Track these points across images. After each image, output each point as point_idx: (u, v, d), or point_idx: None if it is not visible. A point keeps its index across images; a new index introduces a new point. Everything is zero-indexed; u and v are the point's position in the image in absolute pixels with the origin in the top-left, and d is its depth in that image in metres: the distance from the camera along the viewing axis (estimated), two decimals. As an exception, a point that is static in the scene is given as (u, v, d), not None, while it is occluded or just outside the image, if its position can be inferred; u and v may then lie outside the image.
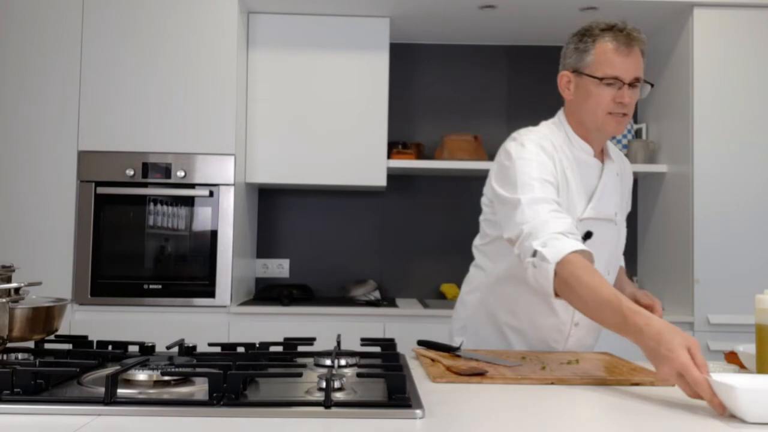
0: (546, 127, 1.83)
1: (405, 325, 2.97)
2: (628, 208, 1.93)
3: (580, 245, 1.48)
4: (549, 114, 3.79)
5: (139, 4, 3.02)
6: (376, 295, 3.35)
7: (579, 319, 1.76)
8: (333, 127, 3.25)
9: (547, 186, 1.62)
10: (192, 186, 2.99)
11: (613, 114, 1.67)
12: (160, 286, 2.95)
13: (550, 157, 1.68)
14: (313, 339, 1.71)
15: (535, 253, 1.50)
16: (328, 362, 1.46)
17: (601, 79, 1.66)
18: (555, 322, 1.78)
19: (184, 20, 3.02)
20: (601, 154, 1.79)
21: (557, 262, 1.46)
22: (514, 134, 1.82)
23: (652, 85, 1.72)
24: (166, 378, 1.25)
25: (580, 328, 1.81)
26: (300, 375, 1.23)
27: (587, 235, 1.66)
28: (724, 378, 1.20)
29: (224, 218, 2.98)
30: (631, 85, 1.66)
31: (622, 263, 1.99)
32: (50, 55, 2.99)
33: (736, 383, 1.11)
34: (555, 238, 1.49)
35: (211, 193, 2.98)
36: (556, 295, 1.50)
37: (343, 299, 3.32)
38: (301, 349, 1.62)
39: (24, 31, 3.00)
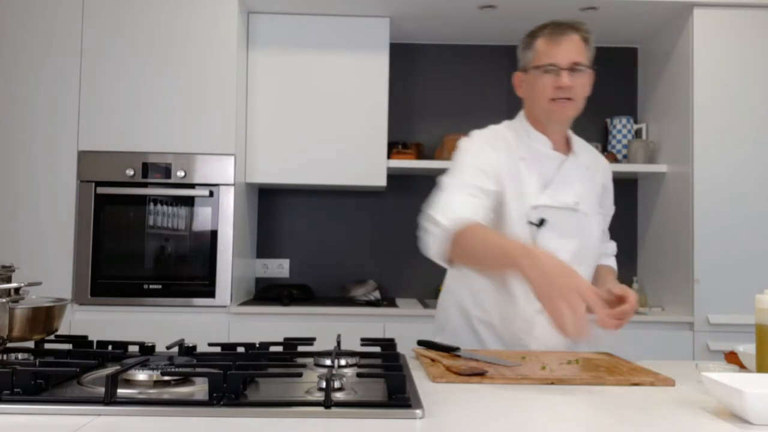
0: (503, 125, 1.89)
1: (405, 325, 2.97)
2: (611, 207, 1.95)
3: (476, 219, 1.57)
4: (549, 114, 3.78)
5: (139, 4, 3.02)
6: (376, 295, 3.35)
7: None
8: (333, 127, 3.25)
9: (478, 174, 1.68)
10: (192, 186, 2.99)
11: (556, 100, 1.73)
12: (160, 286, 2.95)
13: (496, 150, 1.74)
14: (313, 339, 1.71)
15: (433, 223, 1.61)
16: (328, 362, 1.46)
17: (539, 67, 1.73)
18: (518, 310, 1.77)
19: (184, 20, 3.02)
20: (565, 147, 1.84)
21: (454, 229, 1.56)
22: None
23: (594, 70, 1.79)
24: (166, 378, 1.25)
25: (541, 318, 1.77)
26: (300, 375, 1.23)
27: (541, 222, 1.71)
28: (728, 379, 1.20)
29: (224, 218, 2.98)
30: (572, 70, 1.72)
31: (612, 264, 1.98)
32: (50, 55, 2.99)
33: (744, 387, 1.11)
34: (453, 211, 1.60)
35: (211, 193, 2.98)
36: (450, 263, 1.61)
37: (343, 299, 3.32)
38: (301, 349, 1.62)
39: (24, 32, 3.00)
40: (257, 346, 1.58)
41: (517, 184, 1.73)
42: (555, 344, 1.79)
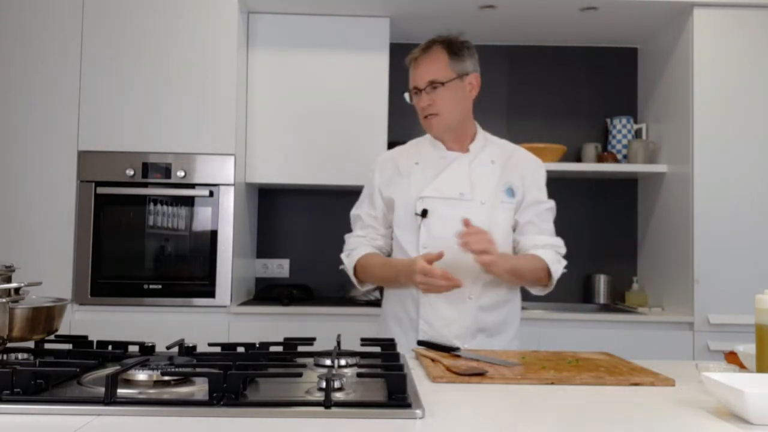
0: (412, 141, 2.17)
1: (405, 325, 2.96)
2: (540, 198, 2.03)
3: (367, 251, 2.03)
4: (549, 113, 3.82)
5: (139, 5, 3.02)
6: (376, 295, 3.34)
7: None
8: (333, 127, 3.25)
9: (367, 203, 2.08)
10: (192, 186, 2.99)
11: (425, 117, 1.98)
12: (160, 286, 2.95)
13: (380, 170, 2.07)
14: (313, 339, 1.71)
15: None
16: (328, 362, 1.46)
17: (410, 91, 2.00)
18: (412, 300, 2.00)
19: (184, 20, 3.02)
20: (462, 146, 2.03)
21: (354, 263, 2.04)
22: None
23: (443, 84, 1.95)
24: (166, 378, 1.25)
25: (432, 299, 1.95)
26: (300, 375, 1.23)
27: (424, 213, 1.94)
28: (728, 379, 1.20)
29: (224, 218, 2.98)
30: (434, 87, 1.93)
31: (543, 256, 1.99)
32: (50, 55, 2.99)
33: (745, 387, 1.11)
34: (350, 250, 2.07)
35: (211, 193, 2.98)
36: (360, 282, 2.08)
37: (343, 299, 3.32)
38: (301, 349, 1.62)
39: (24, 32, 3.00)
40: (257, 346, 1.58)
41: (407, 184, 1.99)
42: (446, 320, 1.97)
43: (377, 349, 1.65)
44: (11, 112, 2.98)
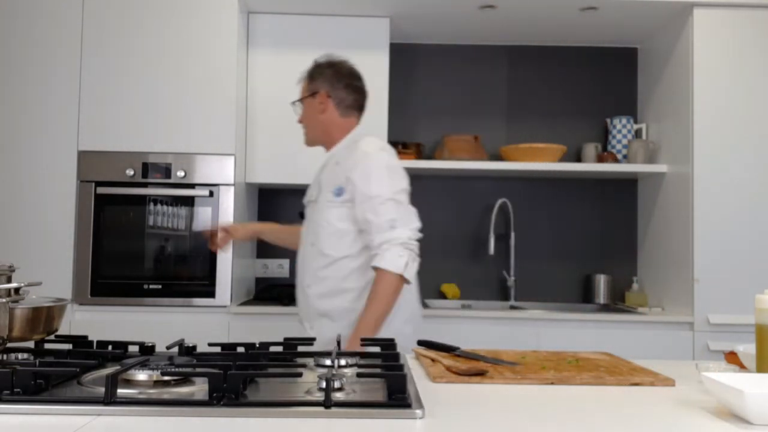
0: None
1: (405, 325, 2.96)
2: (364, 194, 2.03)
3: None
4: (549, 113, 3.82)
5: (139, 4, 3.02)
6: (376, 295, 3.34)
7: (295, 279, 2.24)
8: (333, 127, 3.24)
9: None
10: (192, 186, 2.99)
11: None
12: (160, 286, 2.95)
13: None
14: (313, 339, 1.71)
15: None
16: (328, 362, 1.46)
17: None
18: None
19: (184, 20, 3.02)
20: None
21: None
22: None
23: (301, 101, 2.25)
24: (166, 378, 1.25)
25: (297, 286, 2.23)
26: (300, 375, 1.23)
27: (301, 215, 2.23)
28: (728, 379, 1.20)
29: (224, 218, 2.98)
30: (295, 104, 2.25)
31: (379, 264, 1.99)
32: (50, 55, 2.99)
33: (744, 387, 1.11)
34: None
35: (211, 193, 2.98)
36: None
37: (343, 299, 3.31)
38: (301, 349, 1.62)
39: (24, 32, 3.00)
40: (257, 346, 1.58)
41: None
42: (300, 304, 2.22)
43: (377, 349, 1.65)
44: (11, 112, 2.98)
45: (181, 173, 2.97)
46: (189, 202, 2.99)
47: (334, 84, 2.19)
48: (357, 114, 2.26)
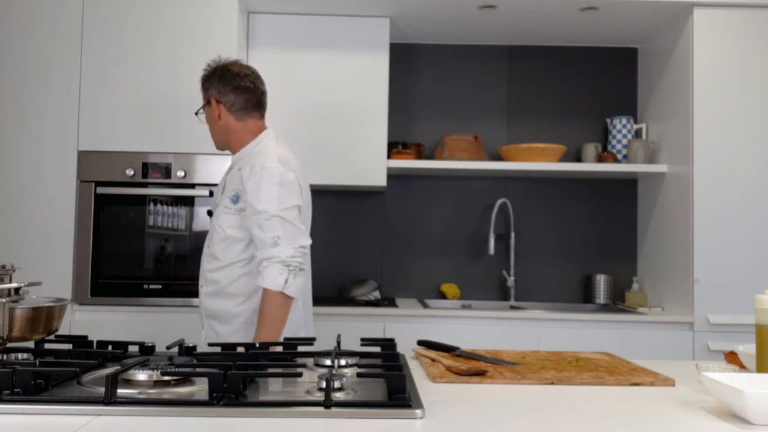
0: None
1: (405, 325, 2.97)
2: (253, 208, 2.02)
3: None
4: (549, 113, 3.81)
5: (139, 5, 3.02)
6: (376, 295, 3.35)
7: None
8: (333, 127, 3.25)
9: None
10: (192, 186, 2.99)
11: None
12: (160, 286, 2.94)
13: None
14: (313, 339, 1.72)
15: None
16: (328, 362, 1.46)
17: None
18: None
19: (184, 20, 3.02)
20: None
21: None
22: None
23: (206, 104, 2.23)
24: (166, 378, 1.25)
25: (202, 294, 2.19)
26: (300, 375, 1.23)
27: (209, 213, 2.27)
28: (728, 379, 1.20)
29: (224, 218, 2.97)
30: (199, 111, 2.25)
31: (264, 284, 1.96)
32: (50, 55, 2.99)
33: (744, 387, 1.11)
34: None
35: (211, 193, 2.98)
36: None
37: (343, 299, 3.32)
38: (301, 349, 1.62)
39: (24, 32, 3.00)
40: (257, 346, 1.58)
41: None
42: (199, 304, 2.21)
43: (377, 349, 1.65)
44: (11, 112, 2.98)
45: (181, 173, 2.97)
46: (189, 202, 2.99)
47: (221, 89, 2.17)
48: (255, 113, 2.23)
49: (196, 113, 2.27)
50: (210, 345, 1.62)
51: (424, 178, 3.65)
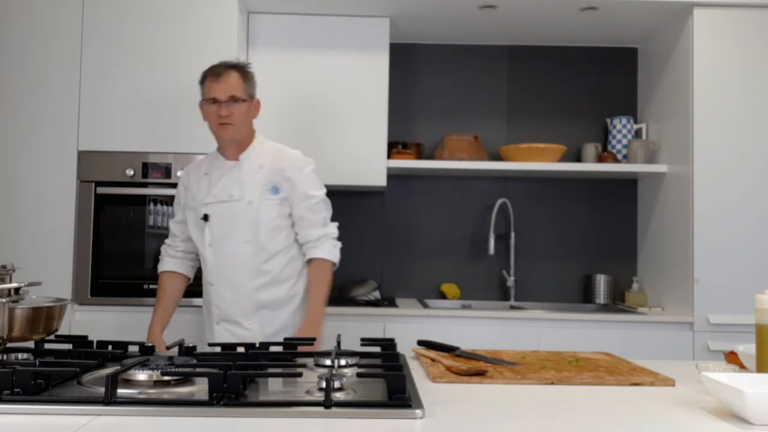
0: (209, 154, 2.43)
1: (405, 325, 2.97)
2: (304, 194, 2.27)
3: (165, 267, 2.40)
4: (549, 113, 3.82)
5: (139, 5, 3.02)
6: (376, 295, 3.35)
7: (212, 278, 2.30)
8: (333, 127, 3.25)
9: (172, 219, 2.42)
10: (192, 186, 2.98)
11: (220, 125, 2.23)
12: (160, 286, 2.94)
13: (181, 182, 2.39)
14: (313, 339, 1.72)
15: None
16: (328, 362, 1.46)
17: (206, 100, 2.24)
18: (206, 290, 2.36)
19: (184, 20, 3.02)
20: (237, 156, 2.30)
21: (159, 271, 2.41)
22: None
23: (248, 100, 2.26)
24: (166, 378, 1.25)
25: (216, 286, 2.28)
26: (300, 375, 1.23)
27: (205, 217, 2.25)
28: (728, 379, 1.20)
29: (224, 218, 2.97)
30: (233, 100, 2.21)
31: (320, 255, 2.25)
32: (50, 55, 2.99)
33: (744, 387, 1.11)
34: (162, 259, 2.42)
35: (211, 193, 2.98)
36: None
37: (343, 299, 3.32)
38: (301, 349, 1.62)
39: (24, 32, 3.00)
40: (257, 346, 1.58)
41: (197, 194, 2.30)
42: (229, 302, 2.29)
43: (377, 349, 1.65)
44: (11, 112, 2.98)
45: (181, 173, 2.97)
46: (189, 202, 2.98)
47: (255, 92, 2.34)
48: None
49: (234, 100, 2.22)
50: (210, 345, 1.62)
51: (424, 178, 3.65)
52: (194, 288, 3.07)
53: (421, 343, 1.79)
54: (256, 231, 2.23)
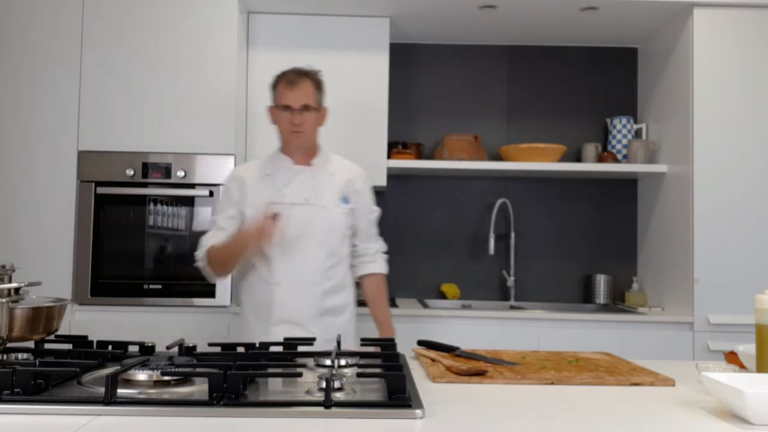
0: (255, 159, 2.50)
1: (405, 325, 2.96)
2: (367, 206, 2.38)
3: (211, 243, 2.26)
4: (549, 113, 3.81)
5: (139, 5, 3.02)
6: (376, 295, 3.34)
7: (279, 278, 2.23)
8: (333, 127, 3.23)
9: (225, 207, 2.31)
10: (192, 186, 2.99)
11: (292, 132, 2.24)
12: (160, 286, 2.94)
13: (235, 181, 2.33)
14: (313, 339, 1.72)
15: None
16: (328, 362, 1.46)
17: (279, 107, 2.24)
18: (260, 277, 2.28)
19: (184, 20, 3.02)
20: (306, 161, 2.32)
21: (205, 250, 2.26)
22: None
23: (318, 110, 2.28)
24: (166, 378, 1.25)
25: (282, 286, 2.22)
26: (300, 375, 1.23)
27: (274, 216, 2.19)
28: (728, 379, 1.20)
29: (224, 218, 2.97)
30: (306, 108, 2.22)
31: (376, 270, 2.38)
32: (50, 55, 2.99)
33: (744, 387, 1.11)
34: (203, 246, 2.27)
35: (211, 193, 2.98)
36: (218, 275, 2.33)
37: (343, 299, 3.32)
38: (301, 349, 1.62)
39: (24, 32, 3.00)
40: (257, 346, 1.58)
41: (261, 193, 2.27)
42: (296, 303, 2.23)
43: (377, 349, 1.65)
44: (11, 112, 2.98)
45: (181, 173, 2.97)
46: (189, 202, 2.99)
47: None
48: None
49: (307, 108, 2.22)
50: (210, 345, 1.62)
51: (424, 178, 3.65)
52: (195, 288, 3.07)
53: (421, 343, 1.79)
54: (329, 236, 2.26)
